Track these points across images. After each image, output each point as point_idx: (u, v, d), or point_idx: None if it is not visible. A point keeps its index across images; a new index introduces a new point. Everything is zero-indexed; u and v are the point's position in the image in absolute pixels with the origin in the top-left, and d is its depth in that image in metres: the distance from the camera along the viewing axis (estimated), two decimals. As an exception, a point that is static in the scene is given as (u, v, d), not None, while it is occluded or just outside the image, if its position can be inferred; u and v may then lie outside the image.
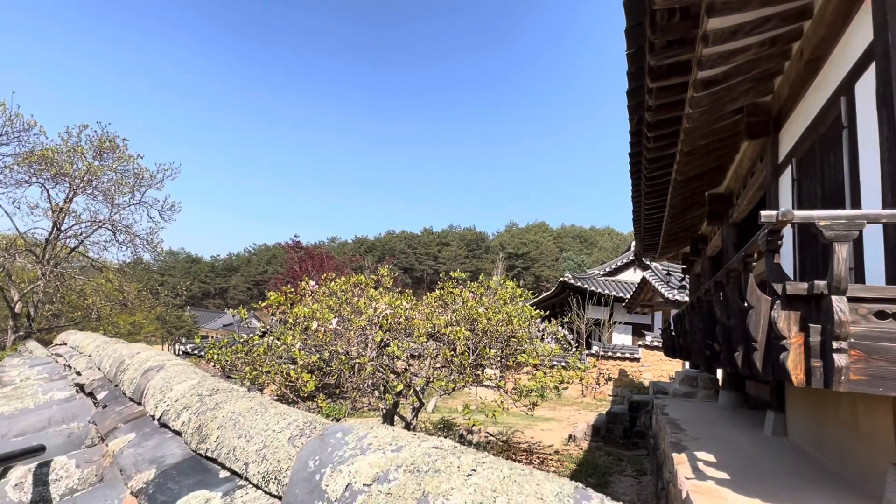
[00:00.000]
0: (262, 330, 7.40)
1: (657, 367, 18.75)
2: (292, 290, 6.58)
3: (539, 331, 6.82)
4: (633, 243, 22.14)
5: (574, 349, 7.16)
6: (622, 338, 24.21)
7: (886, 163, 3.24)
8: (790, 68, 5.15)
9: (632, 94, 5.52)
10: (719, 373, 9.76)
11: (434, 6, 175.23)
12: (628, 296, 22.46)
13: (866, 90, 3.66)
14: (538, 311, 6.70)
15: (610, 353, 19.54)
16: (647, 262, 20.03)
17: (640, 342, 20.49)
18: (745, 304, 3.09)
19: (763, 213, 2.83)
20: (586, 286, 24.18)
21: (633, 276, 26.89)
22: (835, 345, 2.52)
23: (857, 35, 3.90)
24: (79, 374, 3.05)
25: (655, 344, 18.46)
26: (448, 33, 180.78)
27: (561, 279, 25.99)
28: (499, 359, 6.43)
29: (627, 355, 19.46)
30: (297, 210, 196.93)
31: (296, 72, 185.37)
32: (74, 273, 14.67)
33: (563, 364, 6.56)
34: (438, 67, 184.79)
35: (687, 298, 15.68)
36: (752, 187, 6.79)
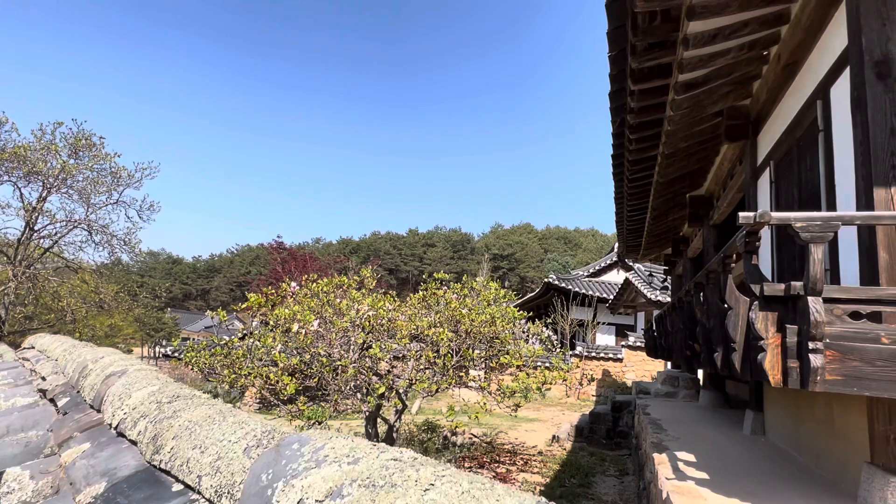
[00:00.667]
0: (243, 332, 7.28)
1: (640, 368, 18.94)
2: (273, 291, 6.48)
3: (523, 332, 6.81)
4: (617, 245, 22.37)
5: (558, 350, 7.17)
6: (605, 338, 24.42)
7: (860, 166, 3.29)
8: (768, 72, 5.22)
9: (614, 97, 5.55)
10: (700, 373, 9.88)
11: (420, 21, 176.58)
12: (612, 297, 22.67)
13: (841, 94, 3.72)
14: (522, 312, 6.70)
15: (593, 354, 19.69)
16: (630, 264, 20.26)
17: (623, 342, 20.68)
18: (724, 305, 3.10)
19: (741, 214, 2.84)
20: (570, 287, 24.34)
21: (616, 277, 27.16)
22: (811, 345, 2.55)
23: (832, 40, 3.97)
24: (44, 379, 2.94)
25: (638, 344, 18.65)
26: (437, 44, 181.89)
27: (545, 280, 26.13)
28: (482, 360, 6.41)
29: (611, 355, 19.63)
30: (281, 210, 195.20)
31: (295, 83, 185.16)
32: (48, 274, 14.28)
33: (547, 365, 6.56)
34: (426, 78, 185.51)
35: (669, 299, 15.88)
36: (732, 189, 6.89)
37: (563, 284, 24.67)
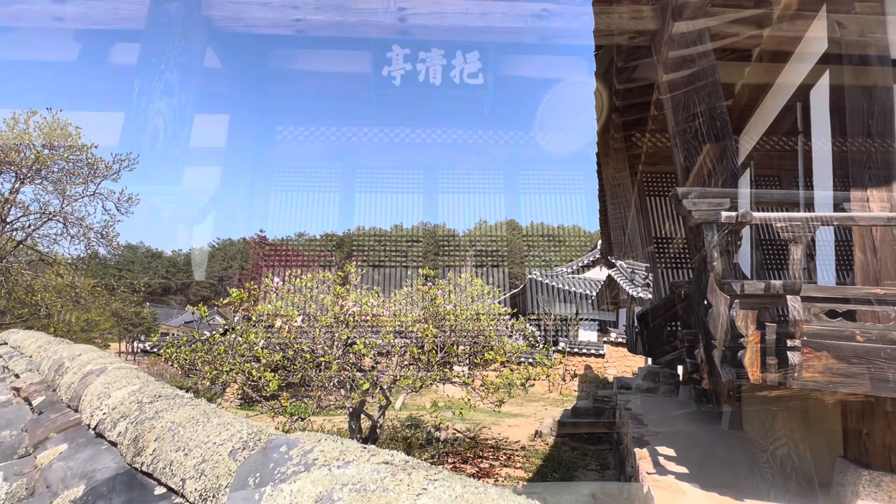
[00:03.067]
0: (225, 328, 7.17)
1: (621, 363, 19.19)
2: (256, 286, 6.40)
3: (507, 328, 6.85)
4: (600, 242, 22.60)
5: (541, 346, 7.23)
6: (588, 334, 24.66)
7: (837, 167, 3.37)
8: (750, 74, 5.30)
9: (599, 95, 5.59)
10: (679, 368, 10.05)
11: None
12: (594, 293, 22.93)
13: (820, 98, 3.80)
14: (506, 308, 6.73)
15: (576, 350, 19.89)
16: (613, 261, 20.48)
17: (605, 339, 20.92)
18: (706, 303, 3.15)
19: (724, 213, 2.89)
20: (554, 284, 24.55)
21: (598, 274, 27.44)
22: (789, 343, 2.60)
23: (812, 45, 4.04)
24: (17, 376, 2.85)
25: (620, 340, 18.89)
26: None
27: (529, 276, 26.30)
28: (467, 356, 6.42)
29: (593, 351, 19.85)
30: (263, 205, 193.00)
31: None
32: (21, 268, 13.87)
33: (531, 361, 6.61)
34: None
35: (650, 296, 16.10)
36: (713, 189, 6.99)
37: (547, 281, 24.87)
